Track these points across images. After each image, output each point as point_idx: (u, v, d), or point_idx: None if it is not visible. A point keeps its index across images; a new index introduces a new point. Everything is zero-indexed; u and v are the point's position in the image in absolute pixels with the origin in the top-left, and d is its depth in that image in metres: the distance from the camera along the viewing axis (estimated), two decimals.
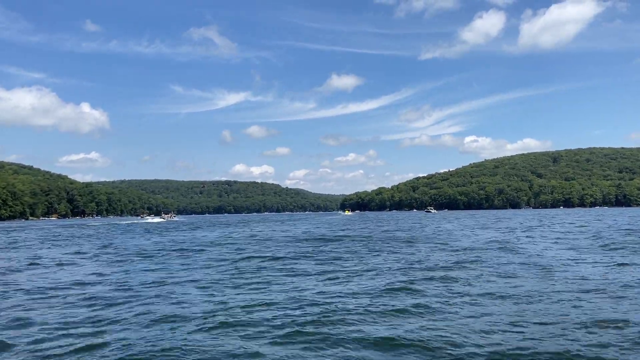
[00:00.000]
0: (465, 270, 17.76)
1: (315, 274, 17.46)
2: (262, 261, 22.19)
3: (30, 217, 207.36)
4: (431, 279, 15.79)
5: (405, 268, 18.59)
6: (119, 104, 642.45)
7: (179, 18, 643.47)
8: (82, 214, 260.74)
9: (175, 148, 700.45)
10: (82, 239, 45.96)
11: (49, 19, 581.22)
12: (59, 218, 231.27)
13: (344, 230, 55.03)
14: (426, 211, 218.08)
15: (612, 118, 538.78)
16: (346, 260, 21.71)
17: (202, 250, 29.05)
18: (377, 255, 24.07)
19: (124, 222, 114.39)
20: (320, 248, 28.99)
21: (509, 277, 15.90)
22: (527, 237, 35.09)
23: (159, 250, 29.53)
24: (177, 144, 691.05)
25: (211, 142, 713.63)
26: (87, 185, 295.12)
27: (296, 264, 20.94)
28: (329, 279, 16.40)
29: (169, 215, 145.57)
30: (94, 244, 36.86)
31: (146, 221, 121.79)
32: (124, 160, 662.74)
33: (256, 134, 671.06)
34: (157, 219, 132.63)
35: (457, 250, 25.55)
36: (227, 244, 34.44)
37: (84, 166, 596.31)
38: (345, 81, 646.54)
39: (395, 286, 14.37)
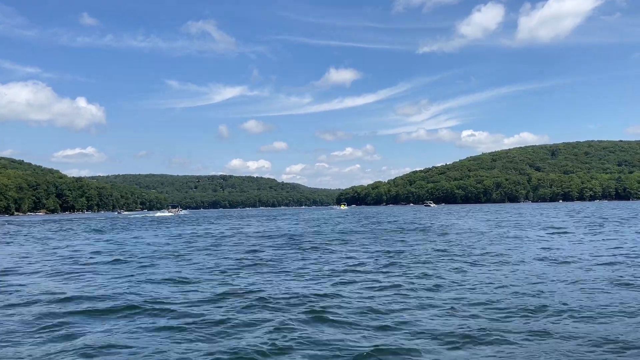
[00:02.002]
0: None
1: None
2: None
3: (16, 213, 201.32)
4: None
5: None
6: (115, 99, 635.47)
7: (175, 12, 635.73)
8: (72, 209, 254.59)
9: (172, 143, 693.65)
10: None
11: (44, 13, 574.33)
12: (47, 213, 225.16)
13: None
14: (425, 205, 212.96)
15: (609, 112, 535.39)
16: None
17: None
18: None
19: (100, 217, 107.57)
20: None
21: None
22: None
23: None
24: (173, 138, 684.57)
25: (207, 137, 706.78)
26: (78, 179, 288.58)
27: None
28: None
29: (176, 210, 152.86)
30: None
31: (153, 215, 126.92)
32: (120, 155, 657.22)
33: (253, 129, 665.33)
34: (166, 213, 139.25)
35: None
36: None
37: (80, 161, 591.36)
38: (342, 75, 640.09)
39: None
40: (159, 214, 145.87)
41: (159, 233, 43.35)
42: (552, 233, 32.15)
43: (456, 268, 16.71)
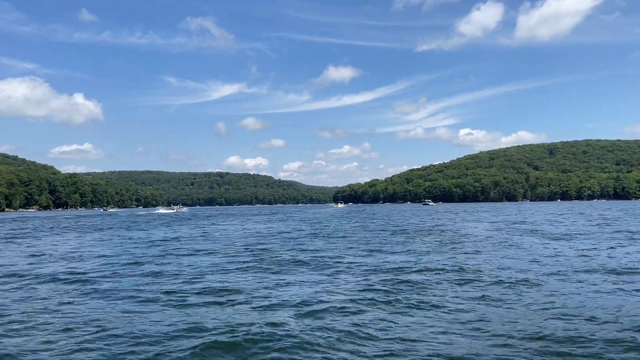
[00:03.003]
0: None
1: None
2: None
3: (7, 209, 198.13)
4: None
5: None
6: (113, 95, 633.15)
7: (174, 9, 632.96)
8: (65, 205, 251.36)
9: (169, 140, 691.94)
10: None
11: (41, 9, 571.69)
12: (39, 209, 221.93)
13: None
14: (424, 204, 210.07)
15: (607, 111, 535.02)
16: None
17: None
18: None
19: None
20: None
21: None
22: None
23: None
24: (171, 135, 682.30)
25: (205, 133, 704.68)
26: (71, 175, 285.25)
27: None
28: None
29: (178, 207, 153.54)
30: None
31: (157, 212, 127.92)
32: (117, 151, 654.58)
33: (251, 126, 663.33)
34: (167, 210, 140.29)
35: None
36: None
37: (77, 157, 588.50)
38: (341, 73, 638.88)
39: None
40: (159, 210, 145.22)
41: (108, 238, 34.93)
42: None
43: None
